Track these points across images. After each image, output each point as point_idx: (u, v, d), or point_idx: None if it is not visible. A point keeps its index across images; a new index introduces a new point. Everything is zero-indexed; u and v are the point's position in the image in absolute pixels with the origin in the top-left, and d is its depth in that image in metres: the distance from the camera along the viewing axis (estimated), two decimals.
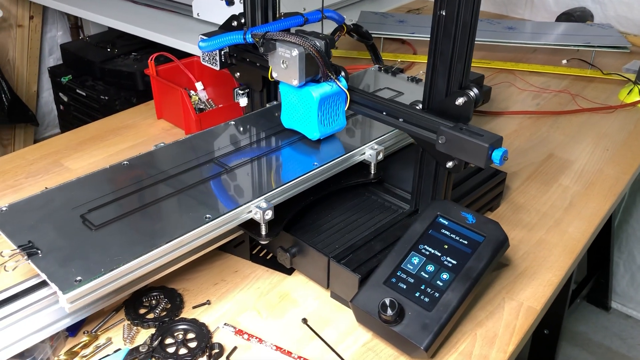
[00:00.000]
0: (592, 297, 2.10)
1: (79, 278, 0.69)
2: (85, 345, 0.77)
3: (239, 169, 0.90)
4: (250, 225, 0.84)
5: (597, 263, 1.98)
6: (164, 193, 0.84)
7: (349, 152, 0.94)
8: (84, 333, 0.78)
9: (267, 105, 1.10)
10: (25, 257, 0.72)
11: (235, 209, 0.81)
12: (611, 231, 1.88)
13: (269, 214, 0.82)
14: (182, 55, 1.40)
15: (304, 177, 0.88)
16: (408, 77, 1.17)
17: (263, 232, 0.83)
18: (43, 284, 0.73)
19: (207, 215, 0.79)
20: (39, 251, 0.73)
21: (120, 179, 0.87)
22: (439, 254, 0.79)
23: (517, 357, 0.82)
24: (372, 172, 0.96)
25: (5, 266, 0.71)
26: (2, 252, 0.72)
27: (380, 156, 0.96)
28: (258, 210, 0.81)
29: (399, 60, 1.58)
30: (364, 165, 0.97)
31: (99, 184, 0.86)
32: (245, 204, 0.82)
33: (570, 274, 1.10)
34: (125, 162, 0.91)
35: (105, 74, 2.19)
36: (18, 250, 0.73)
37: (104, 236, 0.76)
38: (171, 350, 0.76)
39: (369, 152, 0.95)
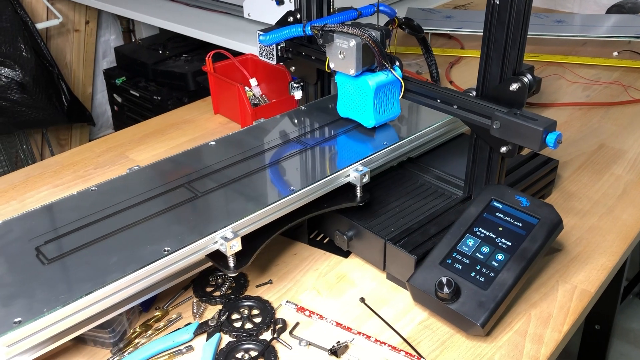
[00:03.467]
0: None
1: (18, 319, 0.64)
2: (158, 320, 0.82)
3: (210, 194, 0.85)
4: (217, 256, 0.79)
5: None
6: (126, 222, 0.79)
7: (332, 174, 0.88)
8: (156, 308, 0.84)
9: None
10: None
11: (197, 240, 0.75)
12: None
13: (235, 245, 0.76)
14: (234, 54, 1.45)
15: (276, 205, 0.82)
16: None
17: (231, 264, 0.78)
18: None
19: (166, 248, 0.74)
20: None
21: (86, 206, 0.83)
22: (494, 236, 0.82)
23: (567, 352, 0.83)
24: (358, 195, 0.90)
25: None
26: None
27: (366, 178, 0.89)
28: (223, 241, 0.76)
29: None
30: (350, 187, 0.91)
31: (63, 213, 0.82)
32: (209, 234, 0.76)
33: (624, 263, 1.10)
34: (93, 188, 0.87)
35: (158, 75, 2.28)
36: None
37: (55, 271, 0.71)
38: (238, 325, 0.80)
39: (354, 175, 0.89)
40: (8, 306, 0.66)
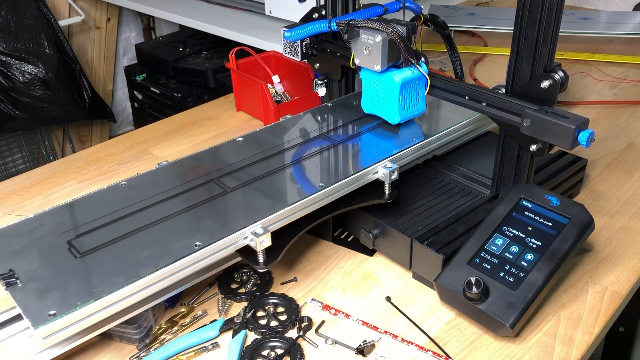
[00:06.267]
0: None
1: (53, 312, 0.65)
2: (184, 316, 0.82)
3: (239, 189, 0.85)
4: (247, 252, 0.79)
5: None
6: (157, 217, 0.80)
7: (361, 171, 0.87)
8: (181, 305, 0.84)
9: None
10: (4, 287, 0.69)
11: (228, 235, 0.75)
12: None
13: (265, 241, 0.77)
14: (255, 51, 1.45)
15: (306, 201, 0.82)
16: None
17: (260, 260, 0.78)
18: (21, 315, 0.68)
19: (197, 243, 0.74)
20: (18, 281, 0.69)
21: (116, 200, 0.83)
22: (523, 236, 0.80)
23: (590, 355, 0.81)
24: (387, 192, 0.89)
25: None
26: None
27: (395, 175, 0.88)
28: (253, 237, 0.76)
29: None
30: (378, 184, 0.90)
31: (93, 207, 0.82)
32: (239, 229, 0.76)
33: None
34: (123, 183, 0.87)
35: (178, 72, 2.29)
36: None
37: (88, 265, 0.72)
38: (263, 322, 0.80)
39: (382, 171, 0.88)
40: (43, 299, 0.67)
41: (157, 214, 0.80)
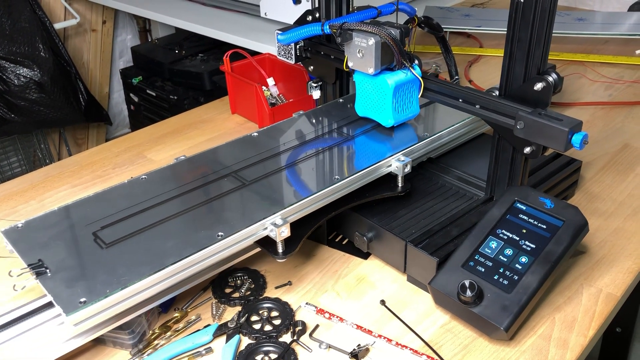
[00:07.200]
0: None
1: (83, 299, 0.67)
2: (177, 321, 0.82)
3: (257, 182, 0.88)
4: (265, 242, 0.81)
5: None
6: (179, 209, 0.82)
7: (374, 164, 0.90)
8: (175, 310, 0.83)
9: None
10: (34, 276, 0.71)
11: (249, 226, 0.78)
12: None
13: (285, 232, 0.79)
14: (250, 54, 1.45)
15: (323, 192, 0.85)
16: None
17: (280, 250, 0.80)
18: (52, 303, 0.71)
19: (220, 233, 0.76)
20: (48, 270, 0.72)
21: (137, 193, 0.86)
22: (517, 238, 0.80)
23: (587, 356, 0.81)
24: (400, 185, 0.92)
25: (14, 285, 0.71)
26: (11, 271, 0.72)
27: (408, 168, 0.91)
28: (273, 227, 0.79)
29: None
30: (391, 177, 0.93)
31: (115, 200, 0.85)
32: (259, 220, 0.79)
33: None
34: (143, 177, 0.89)
35: (174, 75, 2.28)
36: (28, 269, 0.72)
37: (114, 255, 0.74)
38: (257, 326, 0.80)
39: (396, 164, 0.91)
40: (72, 287, 0.69)
41: (178, 207, 0.83)
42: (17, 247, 0.77)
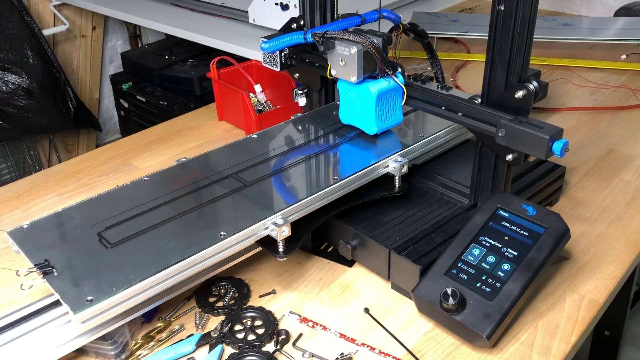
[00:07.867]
0: None
1: (90, 298, 0.69)
2: (160, 331, 0.81)
3: (258, 183, 0.89)
4: (266, 242, 0.83)
5: None
6: (181, 209, 0.84)
7: (372, 165, 0.92)
8: (158, 319, 0.83)
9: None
10: (41, 275, 0.73)
11: (251, 225, 0.80)
12: None
13: (285, 231, 0.80)
14: (239, 60, 1.45)
15: (323, 192, 0.86)
16: (438, 85, 1.17)
17: (280, 249, 0.82)
18: (58, 302, 0.74)
19: (222, 233, 0.78)
20: (54, 270, 0.73)
21: (139, 195, 0.87)
22: (500, 246, 0.80)
23: (576, 358, 0.82)
24: (397, 185, 0.94)
25: (22, 285, 0.73)
26: (18, 270, 0.74)
27: (405, 169, 0.93)
28: (274, 227, 0.80)
29: (428, 68, 1.57)
30: (388, 177, 0.95)
31: (118, 201, 0.86)
32: (261, 220, 0.80)
33: (634, 270, 1.08)
34: (145, 179, 0.91)
35: (164, 80, 2.28)
36: (34, 269, 0.73)
37: (119, 255, 0.76)
38: (240, 336, 0.79)
39: (393, 165, 0.93)
40: (79, 286, 0.71)
41: (180, 208, 0.85)
42: (23, 247, 0.78)
